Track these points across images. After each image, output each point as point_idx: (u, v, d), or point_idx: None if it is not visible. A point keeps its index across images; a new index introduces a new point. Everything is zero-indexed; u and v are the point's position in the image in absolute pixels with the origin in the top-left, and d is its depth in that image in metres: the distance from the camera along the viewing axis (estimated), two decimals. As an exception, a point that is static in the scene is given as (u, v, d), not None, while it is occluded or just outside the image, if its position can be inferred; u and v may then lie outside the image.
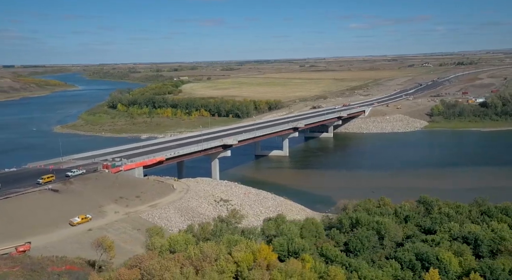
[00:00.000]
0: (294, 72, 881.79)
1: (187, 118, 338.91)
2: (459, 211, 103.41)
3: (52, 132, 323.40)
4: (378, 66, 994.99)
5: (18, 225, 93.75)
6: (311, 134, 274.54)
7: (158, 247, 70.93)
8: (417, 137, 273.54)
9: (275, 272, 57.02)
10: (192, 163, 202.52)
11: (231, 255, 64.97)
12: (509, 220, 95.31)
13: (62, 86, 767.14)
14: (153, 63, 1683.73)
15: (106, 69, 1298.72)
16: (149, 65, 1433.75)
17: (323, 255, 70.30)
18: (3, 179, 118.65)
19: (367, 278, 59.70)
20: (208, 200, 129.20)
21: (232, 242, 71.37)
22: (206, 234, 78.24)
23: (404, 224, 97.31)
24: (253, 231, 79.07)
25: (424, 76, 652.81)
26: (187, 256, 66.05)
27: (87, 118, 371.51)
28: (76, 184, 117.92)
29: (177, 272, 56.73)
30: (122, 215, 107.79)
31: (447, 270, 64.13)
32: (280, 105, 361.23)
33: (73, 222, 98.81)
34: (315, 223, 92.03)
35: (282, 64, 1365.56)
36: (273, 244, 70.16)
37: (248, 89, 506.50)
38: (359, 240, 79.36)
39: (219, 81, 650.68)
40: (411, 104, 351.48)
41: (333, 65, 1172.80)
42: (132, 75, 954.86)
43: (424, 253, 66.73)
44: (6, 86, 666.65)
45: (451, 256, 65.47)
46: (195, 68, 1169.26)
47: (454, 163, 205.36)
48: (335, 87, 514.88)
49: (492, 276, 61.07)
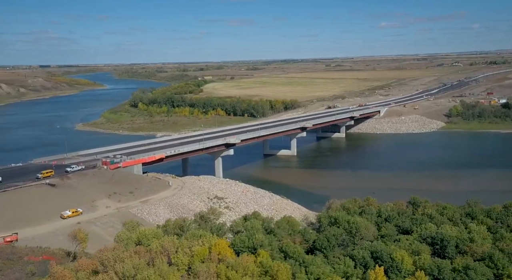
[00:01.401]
0: (318, 71, 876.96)
1: (204, 117, 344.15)
2: (443, 213, 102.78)
3: (74, 130, 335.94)
4: (405, 66, 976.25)
5: (11, 217, 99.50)
6: (323, 134, 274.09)
7: (125, 240, 74.31)
8: (431, 138, 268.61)
9: (221, 265, 59.20)
10: (197, 161, 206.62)
11: (190, 249, 67.82)
12: (490, 222, 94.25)
13: (90, 85, 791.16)
14: (181, 63, 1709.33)
15: (135, 69, 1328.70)
16: (177, 65, 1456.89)
17: (282, 251, 71.87)
18: (7, 174, 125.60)
19: (313, 274, 61.00)
20: (201, 197, 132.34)
21: (196, 236, 74.12)
22: (175, 229, 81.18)
23: (384, 224, 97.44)
24: (221, 227, 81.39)
25: (451, 75, 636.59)
26: (148, 249, 69.30)
27: (108, 116, 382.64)
28: (73, 179, 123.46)
29: (129, 264, 59.75)
30: (113, 209, 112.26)
31: (399, 268, 64.61)
32: (296, 105, 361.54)
33: (64, 215, 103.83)
34: (291, 221, 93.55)
35: (308, 64, 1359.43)
36: (234, 240, 72.31)
37: (269, 89, 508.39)
38: (326, 238, 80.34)
39: (241, 81, 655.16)
40: (430, 104, 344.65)
41: (359, 65, 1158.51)
42: (158, 75, 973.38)
43: (379, 252, 67.35)
44: (39, 85, 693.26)
45: (404, 255, 65.86)
46: (221, 68, 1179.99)
47: (464, 165, 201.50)
48: (357, 87, 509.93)
49: (439, 275, 61.27)
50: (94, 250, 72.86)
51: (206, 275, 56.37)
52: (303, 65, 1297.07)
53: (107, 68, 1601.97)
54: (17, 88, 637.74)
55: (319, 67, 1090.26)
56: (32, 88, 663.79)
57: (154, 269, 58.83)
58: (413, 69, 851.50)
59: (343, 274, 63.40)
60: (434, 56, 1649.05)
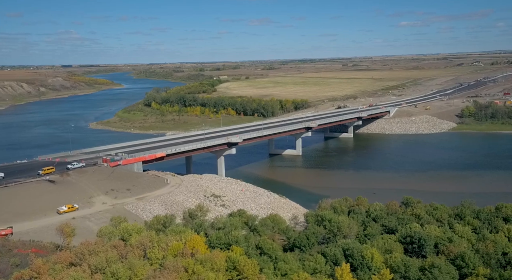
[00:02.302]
0: (334, 71, 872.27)
1: (214, 116, 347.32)
2: (432, 213, 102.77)
3: (88, 128, 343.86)
4: (423, 65, 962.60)
5: (8, 211, 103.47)
6: (331, 134, 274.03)
7: (107, 234, 77.01)
8: (440, 139, 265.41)
9: (190, 260, 61.10)
10: (202, 160, 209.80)
11: (166, 244, 70.02)
12: (477, 223, 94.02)
13: (108, 84, 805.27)
14: (200, 63, 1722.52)
15: (154, 69, 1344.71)
16: (195, 65, 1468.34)
17: (259, 248, 73.45)
18: (11, 170, 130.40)
19: (281, 270, 62.39)
20: (197, 195, 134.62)
21: (176, 232, 76.31)
22: (158, 225, 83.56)
23: (370, 224, 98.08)
24: (201, 223, 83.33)
25: (469, 75, 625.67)
26: (127, 244, 71.80)
27: (122, 115, 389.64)
28: (72, 176, 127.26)
29: (102, 257, 62.22)
30: (108, 206, 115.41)
31: (368, 266, 65.50)
32: (306, 105, 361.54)
33: (60, 210, 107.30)
34: (276, 219, 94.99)
35: (326, 64, 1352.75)
36: (211, 236, 74.20)
37: (281, 89, 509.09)
38: (305, 236, 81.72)
39: (256, 81, 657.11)
40: (443, 105, 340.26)
41: (377, 64, 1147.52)
42: (175, 74, 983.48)
43: (350, 249, 68.32)
44: (58, 85, 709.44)
45: (375, 253, 66.67)
46: (238, 68, 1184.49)
47: (470, 166, 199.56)
48: (371, 87, 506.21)
49: (406, 273, 61.94)
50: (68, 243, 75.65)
51: (174, 269, 58.30)
52: (320, 64, 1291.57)
53: (126, 68, 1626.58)
54: (37, 88, 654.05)
55: (336, 67, 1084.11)
56: (52, 87, 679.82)
57: (125, 262, 61.18)
58: (431, 69, 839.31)
59: (312, 270, 64.61)
60: (455, 56, 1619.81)
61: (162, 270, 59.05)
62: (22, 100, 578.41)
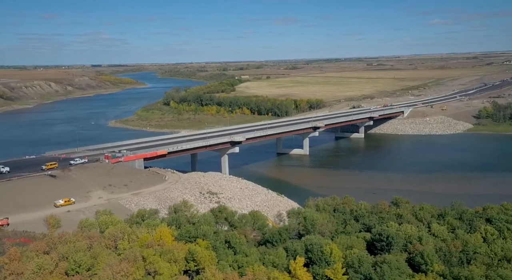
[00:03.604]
0: (357, 71, 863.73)
1: (229, 115, 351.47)
2: (416, 213, 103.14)
3: (106, 126, 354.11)
4: (450, 65, 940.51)
5: (8, 203, 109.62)
6: (341, 134, 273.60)
7: (87, 227, 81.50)
8: (454, 140, 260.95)
9: (149, 250, 64.53)
10: (209, 158, 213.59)
11: (136, 236, 73.86)
12: (456, 223, 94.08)
13: (133, 83, 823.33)
14: (225, 62, 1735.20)
15: (179, 68, 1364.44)
16: (219, 64, 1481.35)
17: (227, 242, 76.20)
18: (17, 165, 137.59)
19: (238, 262, 64.96)
20: (193, 192, 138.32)
21: (150, 226, 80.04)
22: (138, 219, 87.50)
23: (351, 222, 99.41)
24: (177, 218, 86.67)
25: (497, 75, 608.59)
26: (102, 235, 76.03)
27: (141, 114, 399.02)
28: (73, 171, 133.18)
29: (70, 246, 66.43)
30: (104, 200, 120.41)
31: (327, 261, 67.29)
32: (321, 105, 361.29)
33: (57, 204, 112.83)
34: (257, 216, 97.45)
35: (350, 63, 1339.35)
36: (181, 230, 77.45)
37: (300, 88, 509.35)
38: (278, 232, 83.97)
39: (276, 80, 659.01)
40: (461, 105, 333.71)
41: (403, 64, 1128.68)
42: (198, 74, 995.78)
43: (311, 245, 70.22)
44: (84, 84, 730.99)
45: (334, 248, 68.37)
46: (260, 67, 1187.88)
47: (478, 168, 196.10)
48: (391, 87, 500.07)
49: (359, 268, 63.48)
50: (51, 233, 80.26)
51: (133, 259, 61.80)
52: (344, 64, 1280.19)
53: (153, 67, 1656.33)
54: (64, 87, 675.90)
55: (360, 67, 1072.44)
56: (78, 87, 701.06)
57: (91, 251, 65.17)
58: (457, 68, 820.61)
59: (271, 264, 66.86)
60: (487, 55, 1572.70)
61: (123, 259, 62.64)
62: (50, 98, 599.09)
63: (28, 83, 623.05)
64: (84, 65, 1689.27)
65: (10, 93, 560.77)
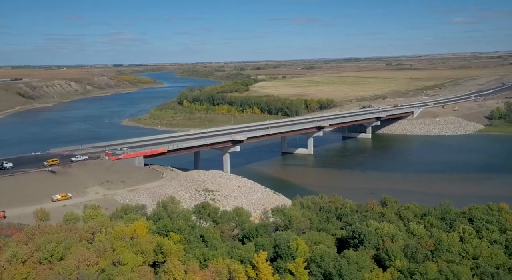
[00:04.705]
0: (374, 70, 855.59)
1: (239, 115, 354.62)
2: (400, 213, 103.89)
3: (120, 125, 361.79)
4: (471, 64, 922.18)
5: (8, 197, 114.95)
6: (349, 134, 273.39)
7: (72, 220, 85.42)
8: (463, 141, 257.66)
9: (120, 242, 67.70)
10: (213, 157, 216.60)
11: (113, 229, 77.21)
12: (436, 223, 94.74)
13: (150, 83, 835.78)
14: (243, 62, 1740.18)
15: (197, 68, 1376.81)
16: (238, 64, 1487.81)
17: (201, 236, 78.90)
18: (22, 161, 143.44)
19: (204, 255, 67.47)
20: (188, 189, 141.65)
21: (130, 219, 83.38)
22: (121, 213, 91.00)
23: (334, 220, 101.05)
24: (158, 213, 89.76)
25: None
26: (83, 228, 79.71)
27: (154, 113, 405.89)
28: (73, 168, 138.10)
29: (47, 237, 70.14)
30: (100, 196, 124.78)
31: (293, 255, 69.34)
32: (332, 105, 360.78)
33: (54, 198, 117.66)
34: (240, 212, 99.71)
35: (369, 63, 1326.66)
36: (158, 224, 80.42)
37: (315, 88, 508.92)
38: (255, 228, 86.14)
39: (292, 80, 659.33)
40: (474, 106, 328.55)
41: (423, 63, 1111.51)
42: (216, 74, 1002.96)
43: (279, 240, 72.31)
44: (103, 83, 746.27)
45: (300, 244, 70.25)
46: (278, 67, 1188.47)
47: (483, 169, 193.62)
48: (406, 87, 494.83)
49: (321, 263, 65.28)
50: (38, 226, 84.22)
51: (103, 249, 65.00)
52: (363, 64, 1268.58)
53: (172, 67, 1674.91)
54: (84, 86, 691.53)
55: (378, 66, 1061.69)
56: (97, 86, 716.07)
57: (65, 243, 68.74)
58: (478, 68, 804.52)
59: (238, 257, 69.23)
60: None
61: (92, 249, 65.92)
62: (69, 97, 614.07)
63: (49, 83, 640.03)
64: (106, 65, 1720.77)
65: (31, 92, 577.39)
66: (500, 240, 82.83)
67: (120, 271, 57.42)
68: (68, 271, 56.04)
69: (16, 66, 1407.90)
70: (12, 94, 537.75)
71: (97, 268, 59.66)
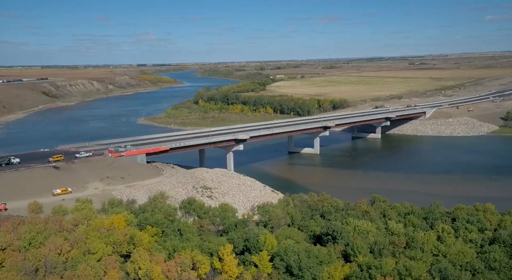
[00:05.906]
0: (395, 70, 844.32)
1: (252, 114, 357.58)
2: (385, 212, 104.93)
3: (135, 123, 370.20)
4: (498, 64, 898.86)
5: (10, 191, 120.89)
6: (358, 134, 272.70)
7: (60, 212, 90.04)
8: (475, 142, 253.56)
9: (94, 232, 71.57)
10: (219, 155, 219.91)
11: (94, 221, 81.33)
12: (417, 221, 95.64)
13: (171, 83, 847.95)
14: (264, 61, 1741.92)
15: (219, 67, 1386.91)
16: (259, 64, 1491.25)
17: (179, 230, 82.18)
18: (29, 157, 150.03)
19: (174, 247, 70.57)
20: (186, 186, 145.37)
21: (114, 213, 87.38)
22: (108, 207, 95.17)
23: (317, 217, 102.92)
24: (144, 208, 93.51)
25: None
26: (68, 220, 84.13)
27: (170, 112, 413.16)
28: (76, 164, 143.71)
29: (31, 227, 74.60)
30: (99, 191, 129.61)
31: (261, 249, 71.82)
32: (345, 104, 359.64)
33: (54, 192, 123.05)
34: (225, 208, 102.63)
35: (392, 62, 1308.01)
36: (139, 217, 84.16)
37: (332, 88, 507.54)
38: (234, 224, 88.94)
39: (310, 79, 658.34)
40: (490, 106, 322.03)
41: (448, 63, 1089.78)
42: (235, 73, 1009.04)
43: (250, 234, 74.95)
44: (125, 83, 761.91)
45: (269, 238, 72.67)
46: (299, 66, 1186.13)
47: (489, 170, 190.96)
48: (425, 87, 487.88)
49: (285, 256, 67.55)
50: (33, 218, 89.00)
51: (76, 239, 68.94)
52: (385, 63, 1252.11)
53: (194, 67, 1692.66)
54: (106, 85, 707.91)
55: (400, 66, 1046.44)
56: (119, 85, 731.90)
57: (45, 232, 73.02)
58: (504, 67, 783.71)
59: (208, 250, 72.16)
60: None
61: (69, 239, 69.89)
62: (91, 96, 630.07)
63: (72, 82, 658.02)
64: (131, 64, 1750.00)
65: (55, 91, 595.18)
66: (476, 240, 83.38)
67: (86, 259, 61.02)
68: (37, 258, 59.97)
69: (45, 66, 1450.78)
70: (36, 93, 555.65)
71: (67, 256, 63.47)
